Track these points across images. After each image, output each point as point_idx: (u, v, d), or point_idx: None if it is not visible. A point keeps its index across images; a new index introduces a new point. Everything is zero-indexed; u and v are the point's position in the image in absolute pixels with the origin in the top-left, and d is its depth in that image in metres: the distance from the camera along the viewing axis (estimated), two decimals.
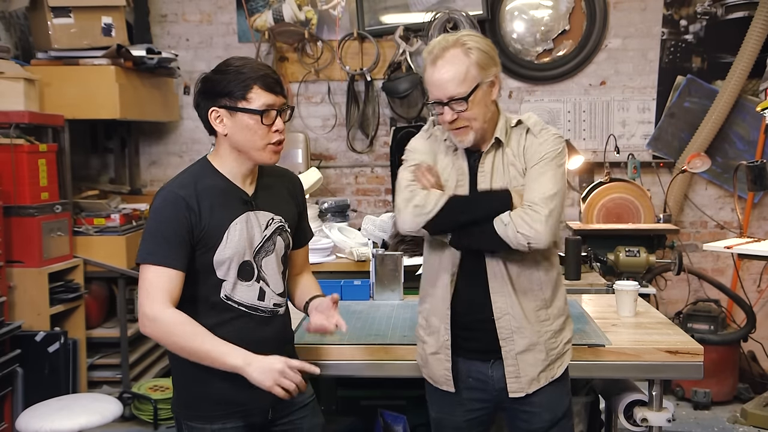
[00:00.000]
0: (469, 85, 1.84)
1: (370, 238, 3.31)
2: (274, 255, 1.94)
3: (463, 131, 1.90)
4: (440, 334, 1.98)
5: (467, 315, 1.96)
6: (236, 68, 1.82)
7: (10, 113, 3.58)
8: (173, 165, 5.08)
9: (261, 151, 1.86)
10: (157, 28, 5.02)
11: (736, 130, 4.74)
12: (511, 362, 1.94)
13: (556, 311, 1.98)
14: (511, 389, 1.95)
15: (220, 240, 1.83)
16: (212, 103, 1.83)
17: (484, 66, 1.86)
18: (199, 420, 1.88)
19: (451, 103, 1.86)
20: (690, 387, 4.17)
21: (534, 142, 1.93)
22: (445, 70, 1.85)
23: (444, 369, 1.99)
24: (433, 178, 1.95)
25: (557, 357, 1.98)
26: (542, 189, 1.86)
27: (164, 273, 1.77)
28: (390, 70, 4.80)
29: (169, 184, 1.88)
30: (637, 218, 4.40)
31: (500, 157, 1.94)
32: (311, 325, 1.98)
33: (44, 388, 3.43)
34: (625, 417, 2.37)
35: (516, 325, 1.92)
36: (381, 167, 5.03)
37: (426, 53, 1.90)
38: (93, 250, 3.98)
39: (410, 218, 1.92)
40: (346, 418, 2.88)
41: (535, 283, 1.95)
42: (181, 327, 1.77)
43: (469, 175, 1.96)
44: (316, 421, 2.04)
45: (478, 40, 1.88)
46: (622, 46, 4.85)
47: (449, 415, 2.05)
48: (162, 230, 1.79)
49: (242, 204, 1.88)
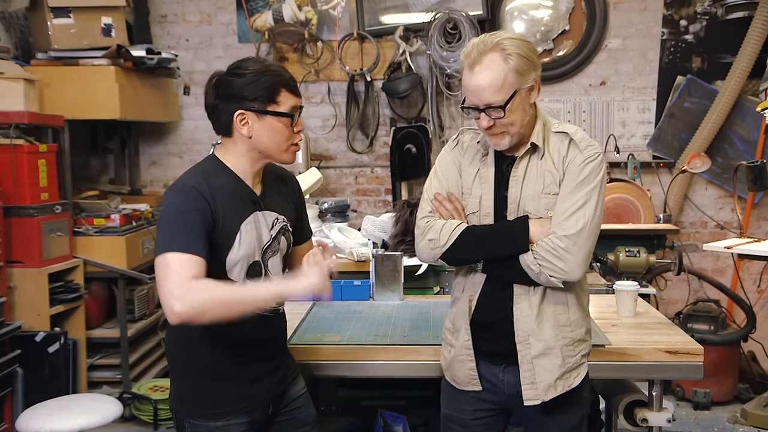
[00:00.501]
0: (506, 92, 1.79)
1: (370, 239, 3.31)
2: (279, 255, 1.96)
3: (499, 136, 1.86)
4: (461, 334, 1.97)
5: (488, 315, 1.94)
6: (259, 71, 1.81)
7: (10, 113, 3.58)
8: (173, 165, 5.08)
9: (284, 152, 1.88)
10: (157, 29, 5.02)
11: (736, 130, 4.74)
12: (527, 367, 1.89)
13: (577, 318, 1.93)
14: (527, 396, 1.89)
15: (232, 241, 1.82)
16: (239, 106, 1.81)
17: (522, 72, 1.79)
18: (202, 418, 1.88)
19: (488, 110, 1.81)
20: (690, 387, 4.17)
21: (578, 156, 1.86)
22: (482, 76, 1.78)
23: (468, 369, 1.97)
24: (451, 204, 1.94)
25: (574, 366, 1.92)
26: (576, 221, 1.81)
27: (188, 257, 1.69)
28: (390, 70, 4.80)
29: (182, 180, 1.83)
30: (637, 218, 4.40)
31: (536, 163, 1.90)
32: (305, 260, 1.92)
33: (44, 389, 3.43)
34: (625, 417, 2.37)
35: (534, 327, 1.89)
36: (381, 167, 5.03)
37: (464, 56, 1.82)
38: (93, 250, 3.97)
39: (426, 251, 1.95)
40: (346, 418, 2.88)
41: (558, 288, 1.90)
42: (215, 284, 1.70)
43: (498, 181, 1.92)
44: (310, 411, 2.08)
45: (518, 44, 1.80)
46: (622, 46, 4.85)
47: (459, 412, 2.04)
48: (183, 219, 1.74)
49: (251, 204, 1.88)
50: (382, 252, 2.87)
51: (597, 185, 1.85)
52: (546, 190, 1.87)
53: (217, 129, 1.88)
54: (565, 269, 1.81)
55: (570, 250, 1.81)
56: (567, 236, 1.81)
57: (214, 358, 1.87)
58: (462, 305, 1.97)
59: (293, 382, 2.05)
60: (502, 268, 1.89)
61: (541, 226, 1.85)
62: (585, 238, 1.82)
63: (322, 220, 3.97)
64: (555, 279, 1.83)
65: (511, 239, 1.86)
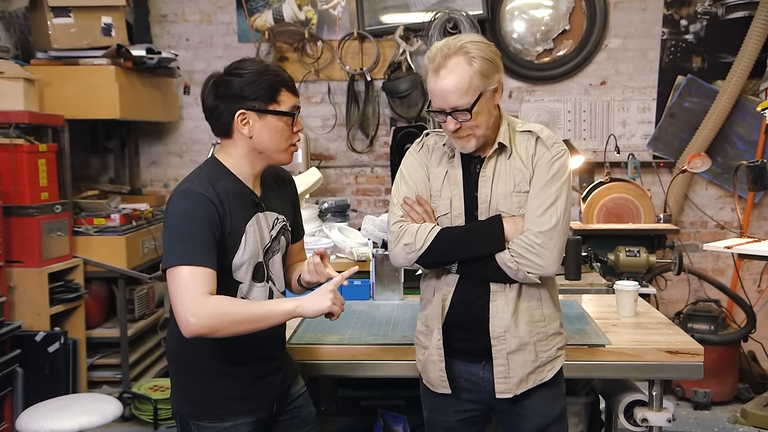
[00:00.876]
0: (472, 95, 1.81)
1: (370, 238, 3.31)
2: (279, 254, 1.97)
3: (465, 139, 1.88)
4: (433, 335, 1.98)
5: (463, 315, 1.95)
6: (259, 71, 1.82)
7: (10, 113, 3.58)
8: (173, 165, 5.09)
9: (283, 152, 1.88)
10: (157, 28, 5.02)
11: (736, 130, 4.74)
12: (502, 362, 1.92)
13: (550, 312, 1.97)
14: (499, 390, 1.93)
15: (239, 243, 1.83)
16: (240, 106, 1.81)
17: (487, 74, 1.82)
18: (210, 419, 1.89)
19: (454, 113, 1.83)
20: (690, 387, 4.17)
21: (546, 154, 1.89)
22: (447, 80, 1.80)
23: (438, 371, 1.98)
24: (421, 208, 1.95)
25: (548, 360, 1.95)
26: (550, 218, 1.85)
27: (201, 271, 1.72)
28: (390, 70, 4.80)
29: (187, 185, 1.82)
30: (638, 218, 4.40)
31: (504, 162, 1.92)
32: (303, 278, 2.00)
33: (44, 388, 3.43)
34: (625, 417, 2.37)
35: (509, 323, 1.90)
36: (381, 167, 5.03)
37: (428, 60, 1.84)
38: (93, 250, 3.97)
39: (402, 256, 1.95)
40: (346, 418, 2.88)
41: (533, 284, 1.93)
42: (229, 302, 1.76)
43: (467, 182, 1.94)
44: (310, 409, 2.10)
45: (481, 47, 1.83)
46: (623, 46, 4.85)
47: (442, 415, 2.05)
48: (195, 231, 1.75)
49: (253, 206, 1.89)
50: (382, 252, 2.87)
51: (565, 181, 1.89)
52: (517, 189, 1.90)
53: (217, 130, 1.88)
54: (542, 264, 1.84)
55: (546, 245, 1.84)
56: (542, 232, 1.84)
57: (217, 358, 1.87)
58: (434, 307, 1.98)
59: (294, 382, 2.07)
60: (478, 268, 1.90)
61: (514, 224, 1.88)
62: (559, 233, 1.86)
63: (322, 219, 3.97)
64: (532, 275, 1.85)
65: (486, 238, 1.88)
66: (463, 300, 1.95)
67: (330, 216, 3.98)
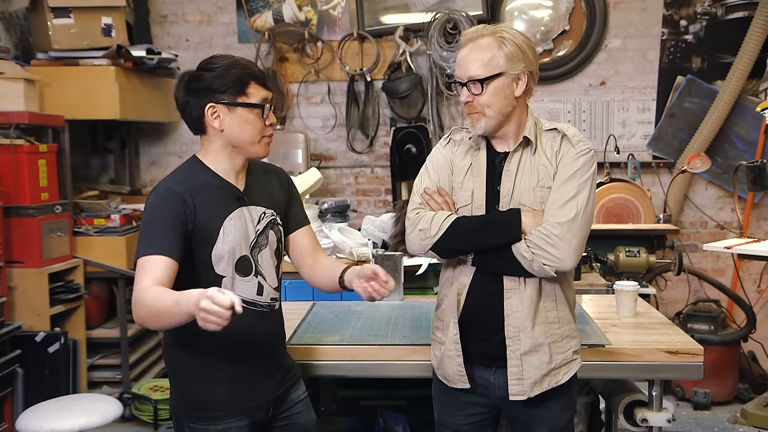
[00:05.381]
0: (490, 69, 1.83)
1: (370, 239, 3.31)
2: (268, 249, 1.95)
3: (476, 116, 1.88)
4: (449, 330, 1.96)
5: (477, 312, 1.93)
6: (228, 65, 1.84)
7: (10, 113, 3.59)
8: (173, 165, 5.02)
9: (256, 144, 1.89)
10: (157, 29, 5.02)
11: (736, 130, 4.74)
12: (515, 363, 1.90)
13: (564, 314, 1.94)
14: (512, 391, 1.90)
15: (216, 235, 1.83)
16: (209, 100, 1.83)
17: (512, 59, 1.84)
18: (202, 421, 1.88)
19: (468, 84, 1.86)
20: (690, 387, 4.17)
21: (571, 151, 1.88)
22: (471, 51, 1.86)
23: (456, 365, 1.95)
24: (441, 198, 1.95)
25: (563, 363, 1.93)
26: (570, 210, 1.82)
27: (153, 260, 1.73)
28: (390, 70, 4.80)
29: (162, 182, 1.88)
30: (637, 218, 4.40)
31: (529, 158, 1.91)
32: (363, 293, 1.86)
33: (44, 389, 3.43)
34: (625, 417, 2.37)
35: (524, 323, 1.88)
36: (381, 167, 5.03)
37: (463, 37, 1.90)
38: (93, 250, 3.98)
39: (417, 242, 1.94)
40: (346, 418, 2.88)
41: (548, 283, 1.91)
42: (158, 296, 1.65)
43: (490, 175, 1.93)
44: (310, 416, 2.07)
45: (515, 35, 1.86)
46: (622, 46, 4.85)
47: (450, 416, 2.04)
48: (155, 223, 1.78)
49: (235, 200, 1.89)
50: (382, 252, 2.87)
51: (589, 178, 1.87)
52: (541, 184, 1.89)
53: (191, 126, 1.90)
54: (559, 257, 1.81)
55: (564, 237, 1.81)
56: (560, 223, 1.82)
57: (210, 358, 1.86)
58: (450, 301, 1.97)
59: (294, 386, 2.04)
60: (493, 258, 1.88)
61: (533, 217, 1.86)
62: (578, 226, 1.83)
63: (322, 220, 3.97)
64: (548, 267, 1.82)
65: (503, 229, 1.86)
66: (478, 295, 1.93)
67: (330, 216, 3.98)
